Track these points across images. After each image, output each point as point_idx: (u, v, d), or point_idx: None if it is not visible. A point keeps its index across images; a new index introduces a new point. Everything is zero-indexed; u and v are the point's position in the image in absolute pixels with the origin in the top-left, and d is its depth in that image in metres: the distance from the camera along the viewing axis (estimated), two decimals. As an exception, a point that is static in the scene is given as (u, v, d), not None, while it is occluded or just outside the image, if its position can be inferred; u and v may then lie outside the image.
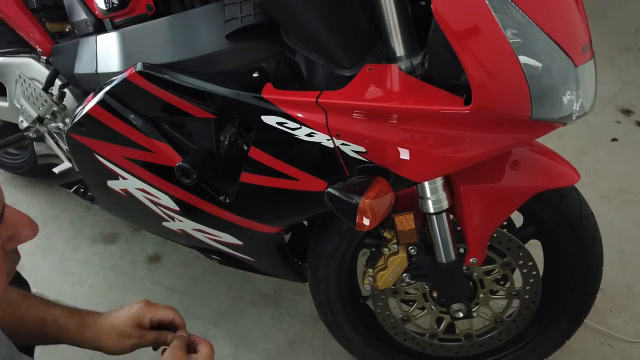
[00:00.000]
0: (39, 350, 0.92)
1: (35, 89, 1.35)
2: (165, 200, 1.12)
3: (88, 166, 1.19)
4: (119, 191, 1.19)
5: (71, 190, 1.50)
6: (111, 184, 1.18)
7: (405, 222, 0.99)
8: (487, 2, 0.67)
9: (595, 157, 2.03)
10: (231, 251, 1.19)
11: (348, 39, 0.82)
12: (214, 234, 1.16)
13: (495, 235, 1.04)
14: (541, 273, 1.13)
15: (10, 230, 0.55)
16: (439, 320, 1.21)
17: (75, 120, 1.08)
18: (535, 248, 1.10)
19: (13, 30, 1.35)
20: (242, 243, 1.14)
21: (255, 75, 0.90)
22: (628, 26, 2.82)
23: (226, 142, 1.01)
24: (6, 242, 0.55)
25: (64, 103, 1.31)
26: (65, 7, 1.19)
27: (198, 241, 1.22)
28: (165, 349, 0.83)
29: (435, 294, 1.16)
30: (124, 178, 1.13)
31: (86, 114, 1.05)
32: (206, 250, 1.30)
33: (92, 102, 1.03)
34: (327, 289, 1.17)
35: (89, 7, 1.10)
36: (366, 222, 0.82)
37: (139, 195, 1.16)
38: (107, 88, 0.99)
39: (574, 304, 1.14)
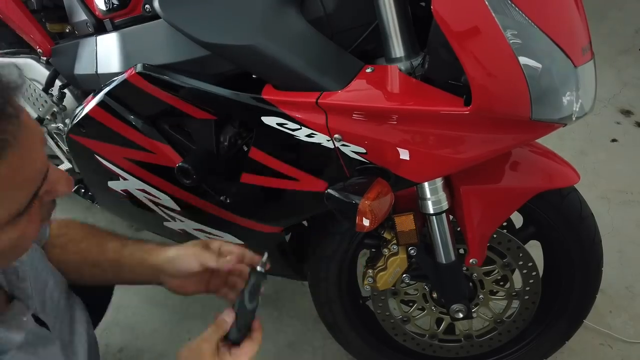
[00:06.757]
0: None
1: (35, 90, 1.35)
2: (166, 200, 1.13)
3: (88, 167, 1.19)
4: (120, 192, 1.19)
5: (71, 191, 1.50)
6: (112, 184, 1.18)
7: (405, 222, 0.99)
8: (487, 3, 0.67)
9: (595, 157, 2.03)
10: (231, 252, 1.19)
11: (330, 72, 0.81)
12: (215, 234, 1.16)
13: (495, 236, 1.04)
14: (541, 274, 1.13)
15: (49, 186, 0.62)
16: (438, 321, 1.21)
17: (75, 121, 1.08)
18: (534, 249, 1.10)
19: (13, 31, 1.35)
20: (242, 243, 1.14)
21: (254, 76, 0.90)
22: (628, 27, 2.82)
23: (226, 143, 1.01)
24: (44, 195, 0.62)
25: (64, 104, 1.31)
26: (66, 7, 1.19)
27: (198, 242, 1.21)
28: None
29: (435, 295, 1.16)
30: (124, 179, 1.13)
31: (86, 115, 1.05)
32: (206, 250, 1.30)
33: (92, 103, 1.03)
34: (328, 289, 1.17)
35: (89, 8, 1.10)
36: (366, 223, 0.82)
37: (140, 196, 1.16)
38: (107, 89, 0.99)
39: (574, 304, 1.14)
